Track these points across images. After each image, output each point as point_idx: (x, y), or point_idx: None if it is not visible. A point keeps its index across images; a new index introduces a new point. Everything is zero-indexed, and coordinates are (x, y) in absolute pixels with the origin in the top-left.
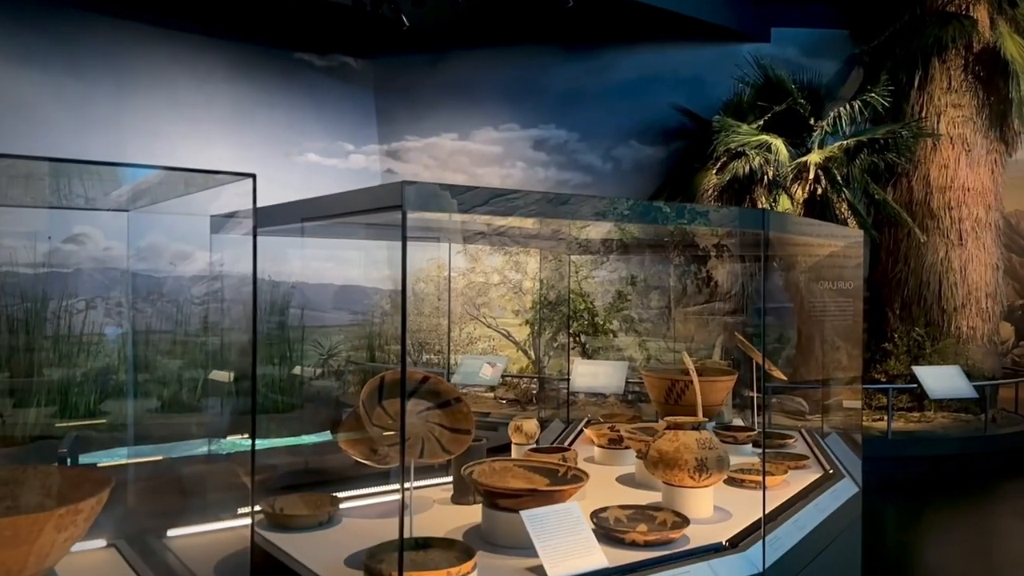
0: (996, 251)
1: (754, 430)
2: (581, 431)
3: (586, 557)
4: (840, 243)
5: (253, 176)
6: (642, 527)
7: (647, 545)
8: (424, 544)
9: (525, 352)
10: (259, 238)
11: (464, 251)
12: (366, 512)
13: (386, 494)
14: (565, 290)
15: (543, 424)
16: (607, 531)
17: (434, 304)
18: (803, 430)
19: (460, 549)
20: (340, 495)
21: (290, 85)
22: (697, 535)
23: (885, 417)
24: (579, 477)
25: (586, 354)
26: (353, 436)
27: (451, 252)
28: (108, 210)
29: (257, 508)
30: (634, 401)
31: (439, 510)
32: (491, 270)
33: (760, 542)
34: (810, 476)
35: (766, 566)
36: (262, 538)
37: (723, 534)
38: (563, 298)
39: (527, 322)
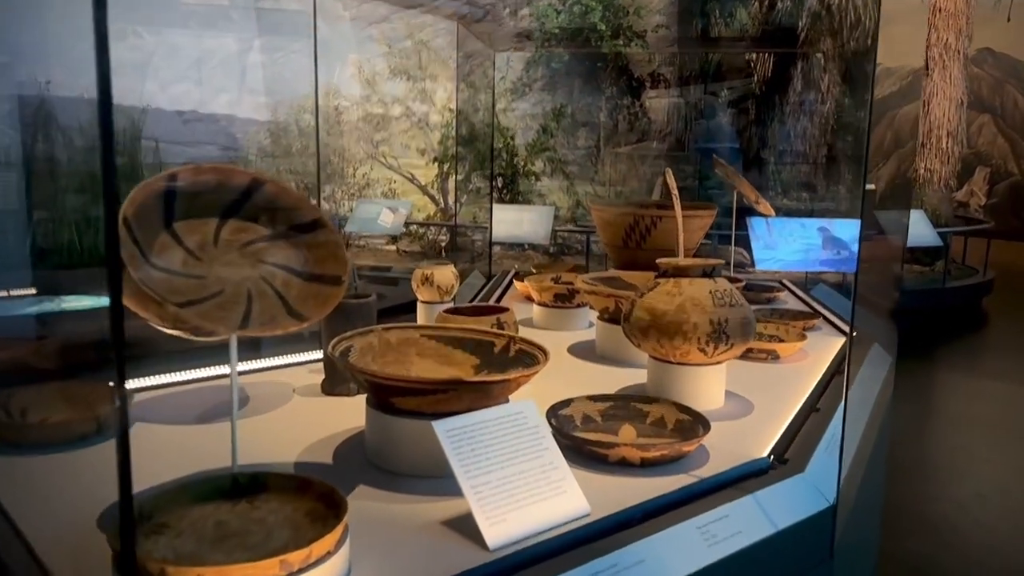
0: (962, 85)
1: (740, 280)
2: (511, 284)
3: (556, 506)
4: None
5: None
6: (629, 430)
7: (646, 465)
8: (240, 489)
9: (432, 197)
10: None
11: (359, 72)
12: (172, 411)
13: (212, 380)
14: (482, 124)
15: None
16: (578, 444)
17: (323, 140)
18: (783, 280)
19: (315, 497)
20: (134, 384)
21: None
22: (712, 441)
23: None
24: (531, 356)
25: (504, 200)
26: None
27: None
28: None
29: None
30: (557, 254)
31: (301, 405)
32: (391, 100)
33: (834, 460)
34: (829, 340)
35: (839, 495)
36: None
37: (750, 437)
38: (480, 133)
39: (435, 160)
